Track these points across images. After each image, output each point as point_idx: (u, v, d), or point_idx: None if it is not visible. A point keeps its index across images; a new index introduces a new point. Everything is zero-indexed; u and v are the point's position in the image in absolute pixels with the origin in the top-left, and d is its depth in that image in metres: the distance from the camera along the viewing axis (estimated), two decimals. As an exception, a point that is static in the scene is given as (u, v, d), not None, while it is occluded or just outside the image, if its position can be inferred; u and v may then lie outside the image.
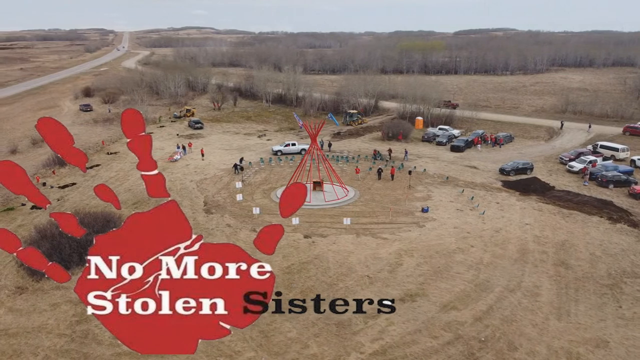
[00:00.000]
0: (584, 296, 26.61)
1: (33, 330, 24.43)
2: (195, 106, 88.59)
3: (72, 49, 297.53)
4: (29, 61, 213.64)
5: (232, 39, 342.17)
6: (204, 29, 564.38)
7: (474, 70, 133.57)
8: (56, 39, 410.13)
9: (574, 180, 45.58)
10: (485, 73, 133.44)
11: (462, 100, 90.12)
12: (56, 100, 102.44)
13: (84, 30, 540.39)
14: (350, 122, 71.41)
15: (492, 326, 23.98)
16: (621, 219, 36.39)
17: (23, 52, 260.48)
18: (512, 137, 61.47)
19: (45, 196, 10.31)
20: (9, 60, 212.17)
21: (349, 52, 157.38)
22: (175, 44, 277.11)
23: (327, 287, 27.16)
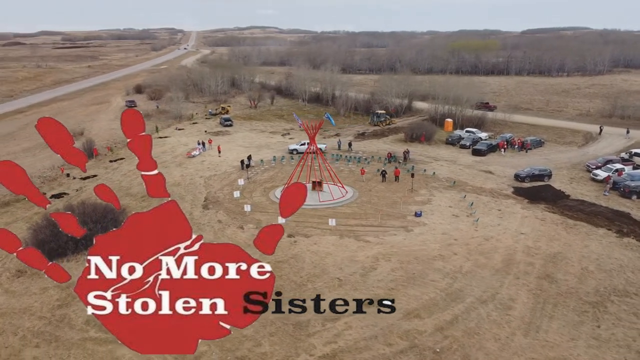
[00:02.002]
0: (561, 313, 25.16)
1: (19, 311, 26.14)
2: (234, 104, 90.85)
3: (140, 47, 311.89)
4: (98, 59, 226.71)
5: (293, 38, 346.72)
6: (268, 29, 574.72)
7: (527, 71, 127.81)
8: (129, 38, 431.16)
9: (595, 190, 42.88)
10: (540, 74, 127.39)
11: (504, 102, 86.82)
12: (109, 96, 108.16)
13: (156, 30, 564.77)
14: (377, 122, 70.62)
15: (451, 337, 23.21)
16: (631, 232, 33.91)
17: (95, 51, 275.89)
18: (541, 142, 58.49)
19: (66, 186, 10.92)
20: (80, 58, 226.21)
21: (397, 51, 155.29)
22: (236, 43, 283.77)
23: (295, 287, 27.22)
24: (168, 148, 58.78)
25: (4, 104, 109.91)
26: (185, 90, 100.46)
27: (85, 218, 30.25)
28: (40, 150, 58.52)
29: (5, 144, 67.93)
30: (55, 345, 23.40)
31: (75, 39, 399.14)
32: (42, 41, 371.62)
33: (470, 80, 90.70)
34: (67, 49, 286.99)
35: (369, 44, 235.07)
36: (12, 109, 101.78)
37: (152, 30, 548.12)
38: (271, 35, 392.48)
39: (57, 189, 45.37)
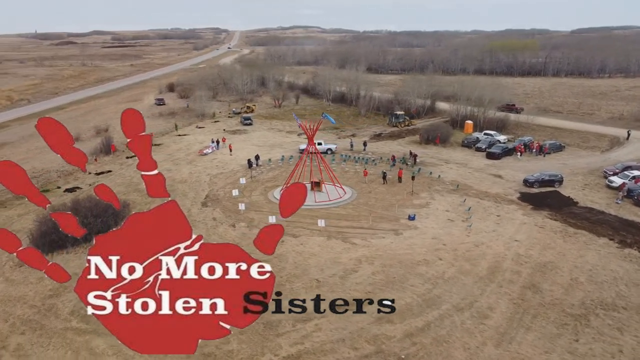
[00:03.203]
0: (539, 324, 24.28)
1: (14, 299, 27.35)
2: (260, 103, 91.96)
3: (183, 47, 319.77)
4: (141, 58, 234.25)
5: (334, 37, 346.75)
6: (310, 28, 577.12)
7: (565, 72, 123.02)
8: (175, 37, 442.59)
9: (608, 197, 40.95)
10: (579, 75, 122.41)
11: (534, 104, 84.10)
12: (143, 94, 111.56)
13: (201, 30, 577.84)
14: (396, 123, 69.78)
15: (419, 344, 22.82)
16: (635, 244, 32.25)
17: (140, 50, 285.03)
18: (561, 146, 56.24)
19: (80, 181, 11.16)
20: (125, 57, 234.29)
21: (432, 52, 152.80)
22: (276, 42, 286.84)
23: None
24: (184, 146, 60.13)
25: (47, 101, 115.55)
26: (215, 89, 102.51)
27: (91, 212, 31.67)
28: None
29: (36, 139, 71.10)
30: (39, 333, 24.46)
31: (123, 38, 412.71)
32: (93, 40, 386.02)
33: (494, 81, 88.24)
34: (115, 48, 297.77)
35: (408, 44, 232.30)
36: (54, 106, 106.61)
37: (198, 30, 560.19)
38: (311, 35, 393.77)
39: (72, 183, 47.15)
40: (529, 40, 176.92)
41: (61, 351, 23.22)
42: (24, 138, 72.02)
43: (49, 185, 45.99)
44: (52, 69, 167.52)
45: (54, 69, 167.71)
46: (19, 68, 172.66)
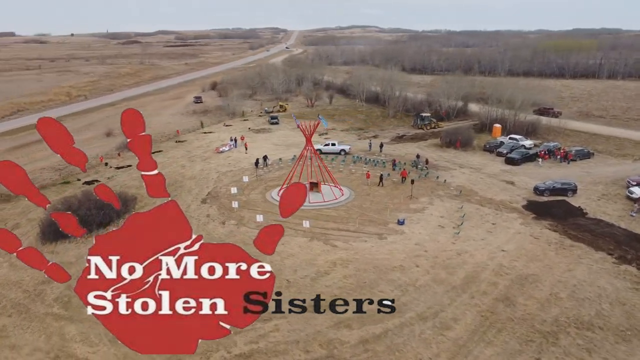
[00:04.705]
0: (502, 339, 23.26)
1: (11, 283, 29.08)
2: (294, 102, 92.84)
3: (240, 46, 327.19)
4: (197, 57, 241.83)
5: (390, 37, 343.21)
6: (368, 28, 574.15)
7: (622, 74, 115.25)
8: (234, 37, 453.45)
9: (624, 209, 38.29)
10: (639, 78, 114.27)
11: (577, 108, 79.77)
12: (187, 92, 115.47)
13: (261, 29, 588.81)
14: (421, 125, 68.23)
15: (371, 351, 22.50)
16: (635, 260, 30.09)
17: (198, 49, 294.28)
18: (589, 153, 52.96)
19: (101, 174, 11.68)
20: (182, 56, 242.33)
21: (480, 52, 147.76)
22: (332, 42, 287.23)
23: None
24: (205, 143, 61.64)
25: (102, 97, 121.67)
26: (253, 88, 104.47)
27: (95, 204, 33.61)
28: (98, 140, 64.37)
29: (79, 134, 75.21)
30: (24, 316, 26.06)
31: (186, 37, 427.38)
32: (157, 40, 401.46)
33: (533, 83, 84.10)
34: (175, 47, 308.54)
35: (463, 44, 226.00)
36: (106, 102, 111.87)
37: (257, 30, 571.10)
38: (367, 35, 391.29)
39: (92, 176, 49.49)
40: (587, 40, 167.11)
41: (36, 335, 24.66)
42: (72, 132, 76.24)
43: (70, 178, 48.54)
44: (111, 67, 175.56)
45: (112, 67, 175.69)
46: (82, 66, 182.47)
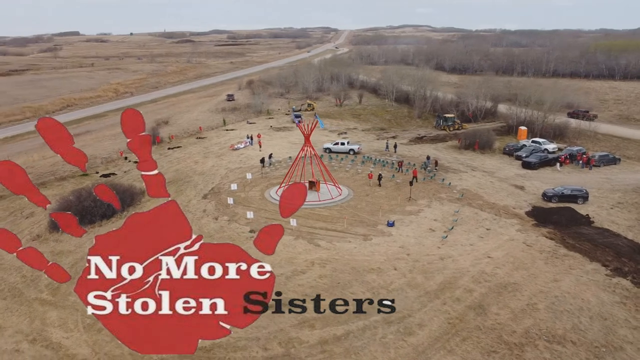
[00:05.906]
0: (464, 348, 22.53)
1: (14, 267, 30.39)
2: (324, 101, 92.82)
3: (288, 45, 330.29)
4: (244, 56, 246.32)
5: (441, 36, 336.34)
6: (420, 27, 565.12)
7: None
8: (285, 36, 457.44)
9: (637, 219, 36.08)
10: None
11: (617, 111, 75.51)
12: (223, 90, 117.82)
13: (312, 29, 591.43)
14: (444, 126, 66.50)
15: (328, 353, 22.36)
16: (632, 273, 28.27)
17: (246, 48, 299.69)
18: (614, 159, 49.92)
19: (118, 168, 11.97)
20: (230, 55, 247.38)
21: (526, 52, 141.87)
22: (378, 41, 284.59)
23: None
24: (224, 140, 62.63)
25: (146, 94, 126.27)
26: (287, 87, 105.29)
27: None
28: (121, 135, 66.97)
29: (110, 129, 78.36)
30: (16, 300, 27.23)
31: (237, 37, 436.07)
32: (209, 39, 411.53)
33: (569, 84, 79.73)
34: (225, 46, 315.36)
35: (517, 43, 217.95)
36: (150, 99, 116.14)
37: (308, 29, 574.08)
38: (417, 34, 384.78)
39: (111, 169, 51.62)
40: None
41: (22, 318, 25.80)
42: (106, 127, 79.56)
43: (90, 170, 50.67)
44: (159, 65, 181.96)
45: (160, 65, 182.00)
46: (133, 64, 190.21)
